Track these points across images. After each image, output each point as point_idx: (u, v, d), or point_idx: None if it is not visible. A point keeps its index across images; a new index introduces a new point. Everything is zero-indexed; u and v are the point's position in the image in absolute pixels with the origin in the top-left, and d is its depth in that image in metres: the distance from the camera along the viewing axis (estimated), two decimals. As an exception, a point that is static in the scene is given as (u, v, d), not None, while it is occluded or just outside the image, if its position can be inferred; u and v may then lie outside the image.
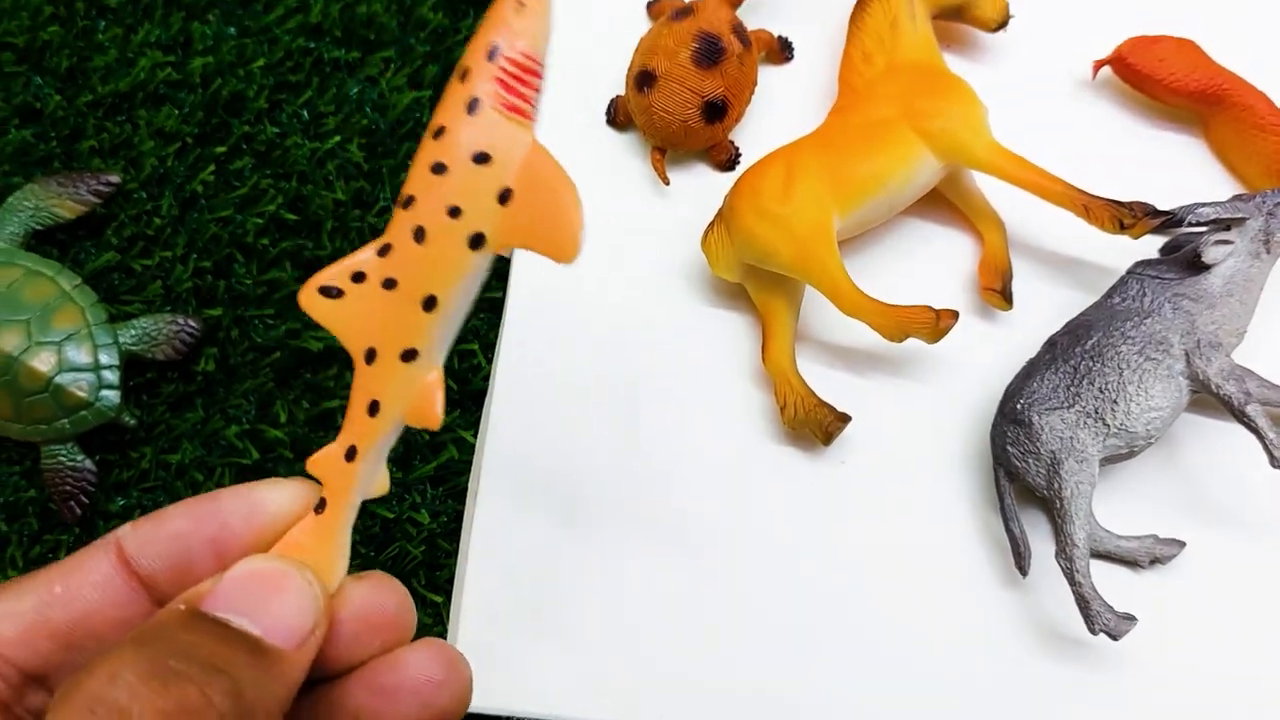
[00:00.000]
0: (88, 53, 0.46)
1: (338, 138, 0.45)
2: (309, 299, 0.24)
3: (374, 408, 0.25)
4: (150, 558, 0.24)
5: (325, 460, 0.25)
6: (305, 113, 0.46)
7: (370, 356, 0.24)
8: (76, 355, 0.41)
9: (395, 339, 0.24)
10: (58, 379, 0.40)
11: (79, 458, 0.41)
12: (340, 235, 0.44)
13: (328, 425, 0.43)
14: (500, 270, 0.44)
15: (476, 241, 0.24)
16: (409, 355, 0.24)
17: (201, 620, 0.22)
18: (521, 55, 0.23)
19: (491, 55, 0.23)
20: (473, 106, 0.23)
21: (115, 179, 0.44)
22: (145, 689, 0.19)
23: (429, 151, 0.24)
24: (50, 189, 0.43)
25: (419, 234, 0.24)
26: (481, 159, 0.23)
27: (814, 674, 0.39)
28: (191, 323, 0.42)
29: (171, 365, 0.43)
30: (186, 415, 0.43)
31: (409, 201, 0.24)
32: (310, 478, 0.25)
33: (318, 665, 0.24)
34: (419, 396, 0.25)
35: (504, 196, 0.23)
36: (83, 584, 0.23)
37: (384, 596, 0.25)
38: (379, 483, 0.26)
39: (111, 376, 0.41)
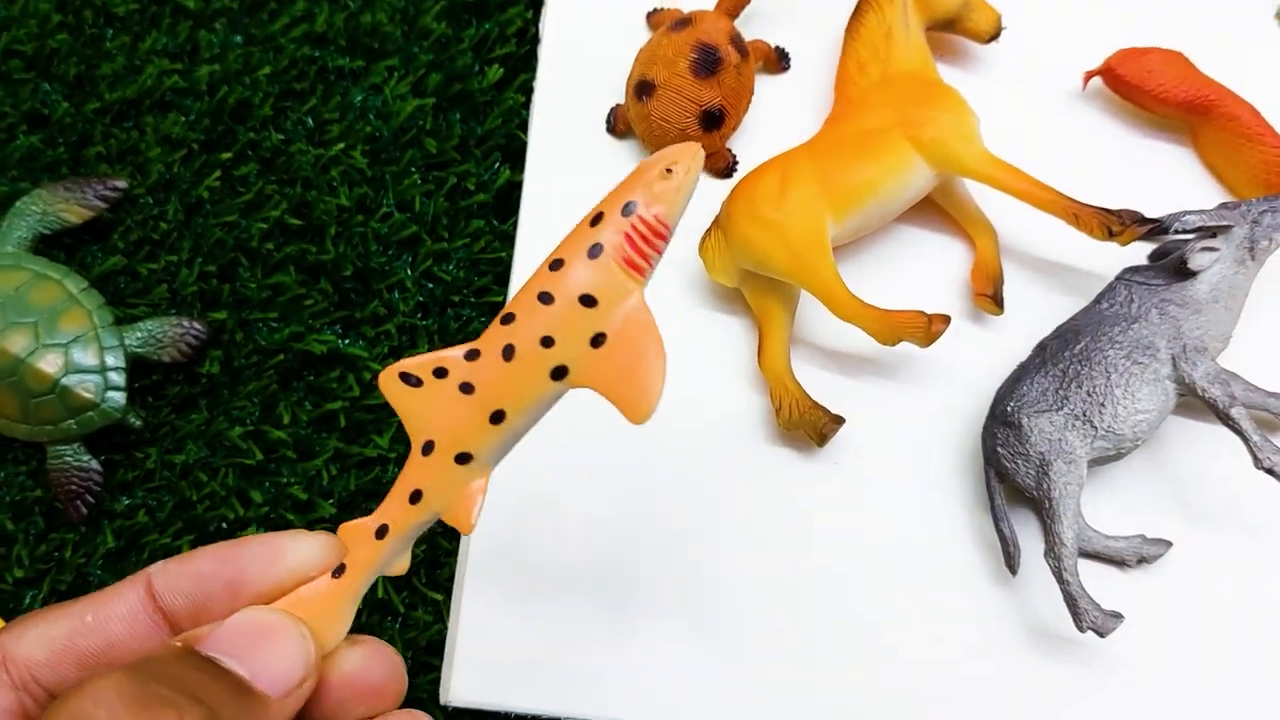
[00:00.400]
0: (96, 60, 0.47)
1: (341, 144, 0.46)
2: (389, 381, 0.25)
3: (416, 496, 0.26)
4: (174, 594, 0.25)
5: (355, 531, 0.26)
6: (310, 120, 0.46)
7: (428, 449, 0.25)
8: (83, 357, 0.41)
9: (456, 440, 0.25)
10: (64, 380, 0.41)
11: (85, 458, 0.42)
12: (344, 240, 0.45)
13: (330, 427, 0.43)
14: (500, 275, 0.45)
15: (559, 373, 0.25)
16: (463, 459, 0.25)
17: (193, 656, 0.23)
18: (654, 218, 0.24)
19: (626, 210, 0.24)
20: (594, 251, 0.24)
21: (122, 184, 0.45)
22: (124, 709, 0.20)
23: (542, 280, 0.25)
24: (58, 194, 0.44)
25: (508, 351, 0.25)
26: (588, 301, 0.24)
27: (807, 671, 0.40)
28: (197, 325, 0.43)
29: (176, 367, 0.44)
30: (191, 416, 0.43)
31: (508, 319, 0.25)
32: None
33: (305, 714, 0.25)
34: (461, 499, 0.25)
35: (597, 340, 0.25)
36: (111, 616, 0.25)
37: (375, 664, 0.26)
38: (400, 563, 0.26)
39: (117, 378, 0.42)
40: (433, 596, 0.42)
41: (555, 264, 0.25)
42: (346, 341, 0.44)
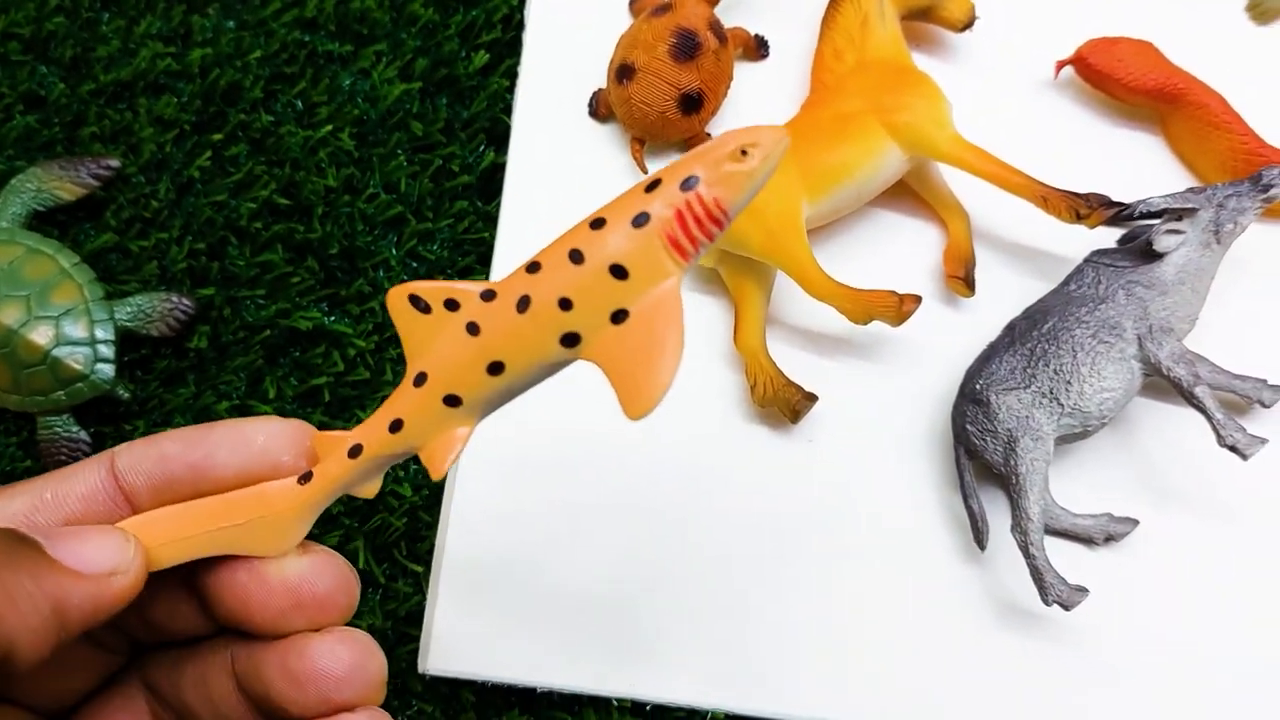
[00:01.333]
0: (91, 43, 0.48)
1: (330, 127, 0.47)
2: (398, 298, 0.24)
3: (396, 425, 0.24)
4: (136, 474, 0.25)
5: (329, 442, 0.25)
6: (299, 103, 0.48)
7: (419, 379, 0.24)
8: (73, 330, 0.42)
9: (449, 380, 0.24)
10: (55, 352, 0.42)
11: (74, 429, 0.43)
12: (331, 220, 0.46)
13: (314, 402, 0.44)
14: (483, 255, 0.46)
15: (569, 340, 0.23)
16: (452, 401, 0.24)
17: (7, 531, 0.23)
18: (713, 201, 0.22)
19: (686, 184, 0.22)
20: (639, 220, 0.22)
21: (115, 163, 0.46)
22: None
23: (578, 237, 0.23)
24: (52, 172, 0.45)
25: (523, 303, 0.23)
26: (618, 272, 0.22)
27: (779, 644, 0.40)
28: (185, 301, 0.44)
29: (165, 342, 0.45)
30: (179, 390, 0.44)
31: (533, 267, 0.23)
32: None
33: (242, 621, 0.25)
34: (440, 442, 0.24)
35: (618, 316, 0.23)
36: (70, 494, 0.24)
37: (321, 575, 0.25)
38: (368, 487, 0.26)
39: (107, 351, 0.43)
40: (413, 568, 0.42)
41: (596, 223, 0.23)
42: (332, 319, 0.45)
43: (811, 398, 0.41)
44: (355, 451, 0.25)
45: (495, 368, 0.23)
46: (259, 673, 0.25)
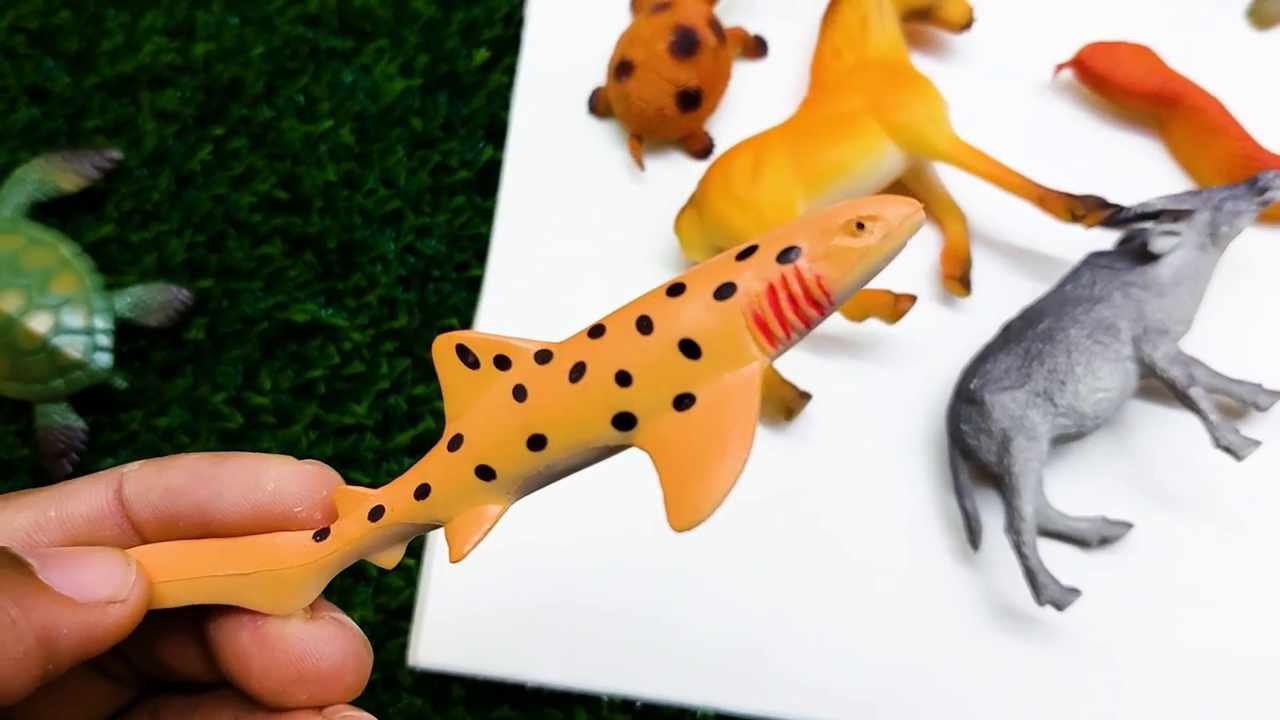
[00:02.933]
0: (96, 37, 0.49)
1: (330, 121, 0.47)
2: (443, 349, 0.21)
3: (423, 491, 0.22)
4: (142, 505, 0.23)
5: (351, 499, 0.22)
6: (301, 97, 0.48)
7: (454, 443, 0.21)
8: (72, 319, 0.42)
9: (485, 449, 0.21)
10: (54, 340, 0.42)
11: (71, 417, 0.43)
12: (329, 214, 0.46)
13: (310, 394, 0.44)
14: (480, 251, 0.46)
15: (623, 421, 0.20)
16: (485, 473, 0.21)
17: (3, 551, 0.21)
18: (815, 279, 0.19)
19: (785, 256, 0.19)
20: (723, 291, 0.19)
21: (117, 155, 0.46)
22: None
23: (651, 302, 0.20)
24: (55, 163, 0.45)
25: (577, 370, 0.20)
26: (689, 349, 0.19)
27: (770, 643, 0.40)
28: (184, 293, 0.44)
29: (163, 333, 0.45)
30: (176, 381, 0.44)
31: (596, 331, 0.20)
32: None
33: (242, 686, 0.23)
34: (465, 519, 0.21)
35: (682, 402, 0.19)
36: (75, 514, 0.23)
37: (324, 646, 0.23)
38: (388, 556, 0.23)
39: (104, 340, 0.43)
40: (405, 562, 0.42)
41: (674, 289, 0.20)
42: (328, 312, 0.45)
43: (805, 396, 0.41)
44: (376, 514, 0.22)
45: (536, 441, 0.20)
46: None
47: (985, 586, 0.41)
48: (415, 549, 0.42)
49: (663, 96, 0.43)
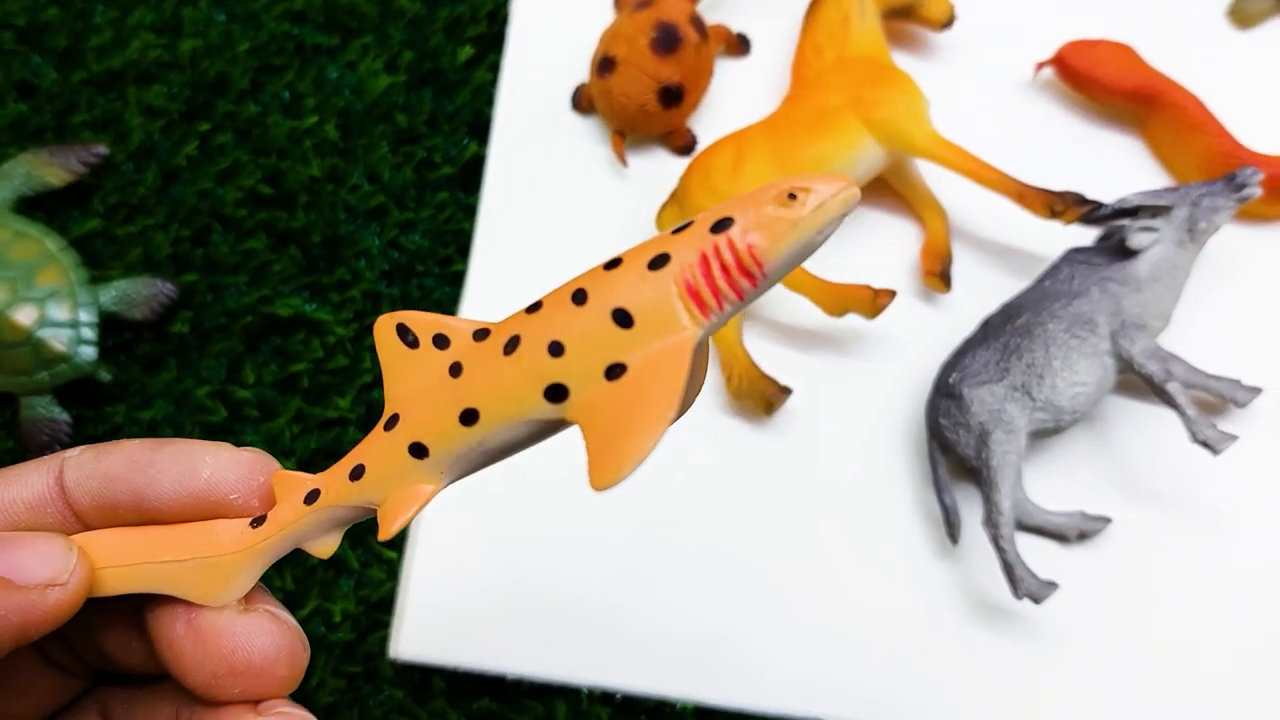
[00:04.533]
0: (84, 33, 0.49)
1: (315, 117, 0.47)
2: (384, 329, 0.21)
3: (358, 472, 0.21)
4: (82, 492, 0.23)
5: (289, 483, 0.22)
6: (286, 93, 0.48)
7: (391, 422, 0.21)
8: (57, 312, 0.43)
9: (418, 426, 0.21)
10: (39, 333, 0.42)
11: (56, 410, 0.43)
12: (314, 209, 0.46)
13: (293, 388, 0.44)
14: (463, 246, 0.46)
15: (555, 393, 0.20)
16: (418, 450, 0.21)
17: None
18: (746, 249, 0.19)
19: (718, 227, 0.19)
20: (657, 261, 0.19)
21: (103, 151, 0.46)
22: None
23: (588, 277, 0.20)
24: (42, 158, 0.46)
25: (511, 344, 0.20)
26: (621, 319, 0.19)
27: (749, 637, 0.41)
28: (168, 286, 0.44)
29: (147, 326, 0.45)
30: (160, 374, 0.45)
31: (534, 308, 0.20)
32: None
33: (178, 679, 0.23)
34: (398, 498, 0.21)
35: (614, 371, 0.19)
36: (16, 501, 0.23)
37: (256, 638, 0.22)
38: (323, 545, 0.22)
39: (89, 333, 0.43)
40: (387, 555, 0.42)
41: (611, 263, 0.20)
42: (312, 306, 0.45)
43: (785, 391, 0.42)
44: (312, 497, 0.22)
45: (468, 416, 0.20)
46: None
47: (964, 580, 0.41)
48: (397, 542, 0.42)
49: (645, 92, 0.44)
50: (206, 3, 0.49)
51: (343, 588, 0.42)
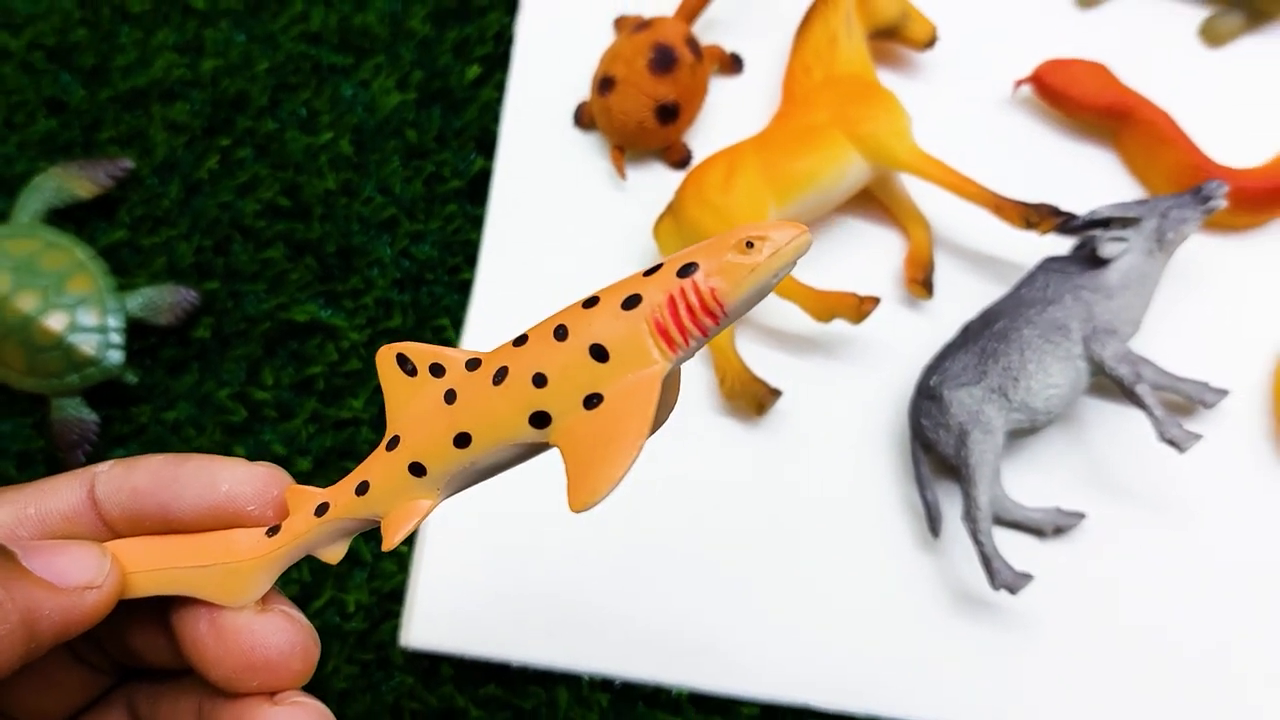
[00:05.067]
0: (111, 53, 0.52)
1: (330, 133, 0.50)
2: (385, 359, 0.24)
3: (363, 488, 0.24)
4: (112, 505, 0.24)
5: (301, 497, 0.24)
6: (303, 110, 0.51)
7: (392, 443, 0.23)
8: (86, 317, 0.45)
9: (417, 447, 0.23)
10: (69, 338, 0.45)
11: (85, 411, 0.46)
12: (329, 220, 0.49)
13: (309, 390, 0.47)
14: (470, 255, 0.49)
15: (539, 420, 0.22)
16: (417, 470, 0.23)
17: None
18: (709, 292, 0.21)
19: (684, 272, 0.21)
20: (629, 302, 0.21)
21: (129, 165, 0.49)
22: None
23: (568, 314, 0.22)
24: (71, 172, 0.48)
25: (500, 375, 0.22)
26: (598, 354, 0.21)
27: (742, 626, 0.43)
28: (191, 294, 0.47)
29: (171, 331, 0.47)
30: (183, 377, 0.47)
31: (520, 340, 0.22)
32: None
33: (200, 673, 0.24)
34: (399, 512, 0.23)
35: (591, 401, 0.22)
36: (52, 512, 0.24)
37: (272, 636, 0.24)
38: (332, 552, 0.25)
39: (117, 338, 0.45)
40: (399, 549, 0.45)
41: (589, 301, 0.22)
42: (328, 312, 0.48)
43: (776, 393, 0.44)
44: (321, 510, 0.24)
45: (462, 439, 0.23)
46: None
47: (945, 572, 0.43)
48: (408, 538, 0.45)
49: (642, 110, 0.46)
50: (227, 24, 0.52)
51: (356, 579, 0.44)
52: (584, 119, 0.49)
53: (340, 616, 0.44)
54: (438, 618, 0.43)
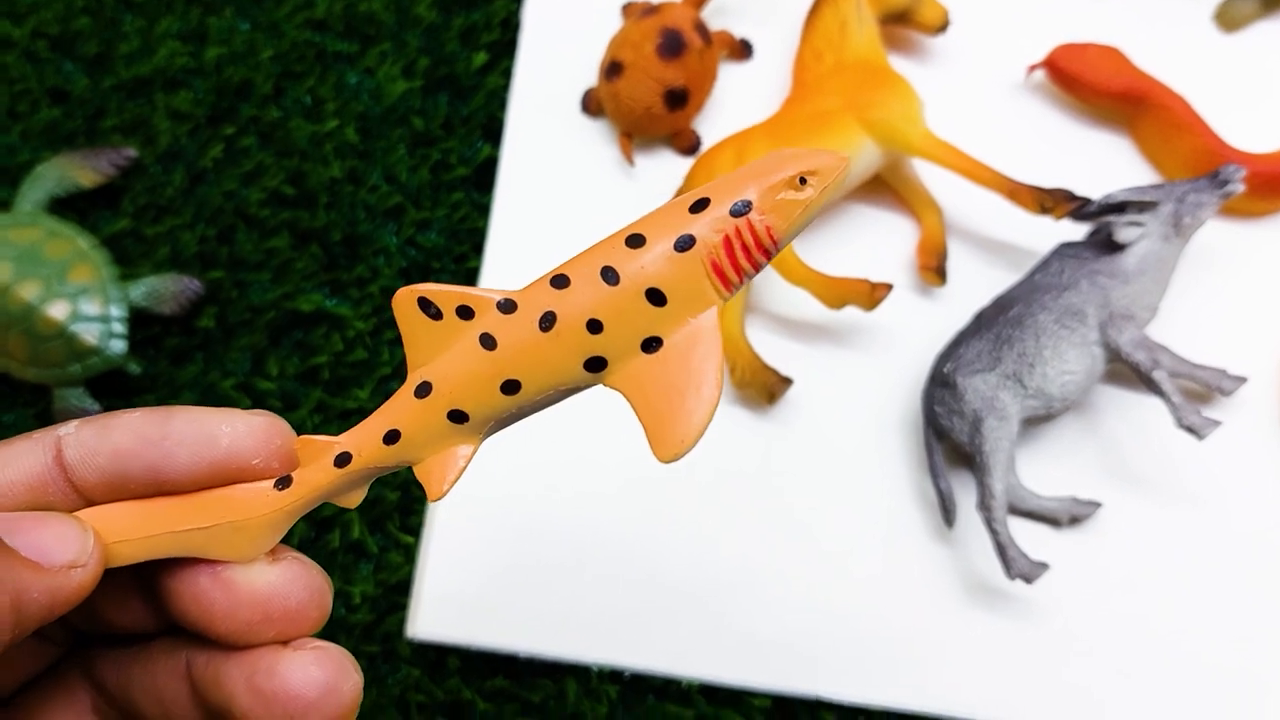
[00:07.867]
0: (114, 41, 0.51)
1: (336, 121, 0.49)
2: (405, 302, 0.22)
3: (393, 436, 0.23)
4: (88, 470, 0.22)
5: (314, 448, 0.23)
6: (308, 98, 0.50)
7: (423, 390, 0.22)
8: (89, 307, 0.45)
9: (457, 394, 0.22)
10: (71, 327, 0.44)
11: (87, 401, 0.45)
12: (334, 209, 0.48)
13: (314, 380, 0.46)
14: (477, 243, 0.48)
15: (595, 364, 0.21)
16: (458, 417, 0.22)
17: None
18: (765, 230, 0.21)
19: (738, 210, 0.21)
20: (683, 243, 0.21)
21: (132, 153, 0.49)
22: None
23: (612, 252, 0.21)
24: (74, 161, 0.48)
25: (547, 320, 0.21)
26: (655, 298, 0.21)
27: (753, 617, 0.42)
28: (195, 283, 0.46)
29: (175, 321, 0.47)
30: (187, 367, 0.47)
31: (560, 281, 0.21)
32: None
33: (203, 629, 0.23)
34: (439, 460, 0.23)
35: (650, 344, 0.21)
36: (16, 483, 0.22)
37: (290, 586, 0.23)
38: (352, 496, 0.24)
39: (119, 327, 0.45)
40: (405, 540, 0.44)
41: (633, 239, 0.21)
42: (333, 302, 0.47)
43: (787, 381, 0.43)
44: (343, 460, 0.23)
45: (510, 386, 0.22)
46: (219, 683, 0.23)
47: (959, 562, 0.43)
48: (414, 528, 0.44)
49: (651, 95, 0.46)
50: (231, 11, 0.52)
51: (362, 571, 0.44)
52: (591, 105, 0.48)
53: (346, 608, 0.43)
54: (444, 609, 0.42)
